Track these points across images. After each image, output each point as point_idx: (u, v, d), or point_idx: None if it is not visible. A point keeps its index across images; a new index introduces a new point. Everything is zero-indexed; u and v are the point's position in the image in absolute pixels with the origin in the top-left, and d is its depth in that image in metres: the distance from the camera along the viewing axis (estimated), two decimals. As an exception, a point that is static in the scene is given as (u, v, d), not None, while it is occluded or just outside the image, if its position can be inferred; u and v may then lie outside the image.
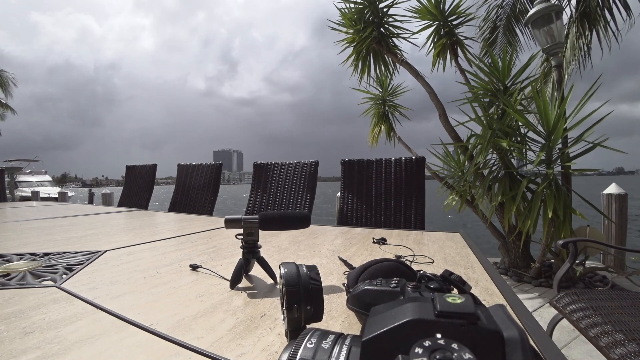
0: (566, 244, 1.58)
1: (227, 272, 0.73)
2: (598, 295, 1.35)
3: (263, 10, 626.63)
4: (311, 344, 0.25)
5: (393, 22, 3.90)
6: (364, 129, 4.95)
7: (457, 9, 3.66)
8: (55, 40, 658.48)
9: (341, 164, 1.97)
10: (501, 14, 4.91)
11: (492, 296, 0.60)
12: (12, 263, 0.83)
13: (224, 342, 0.44)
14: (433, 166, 3.72)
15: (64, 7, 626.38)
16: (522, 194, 2.64)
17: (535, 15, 2.96)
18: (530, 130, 2.72)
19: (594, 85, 2.55)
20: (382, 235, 1.16)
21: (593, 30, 4.14)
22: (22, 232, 1.37)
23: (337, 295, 0.61)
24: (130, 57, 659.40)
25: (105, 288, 0.66)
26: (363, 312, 0.42)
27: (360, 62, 4.17)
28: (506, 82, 3.03)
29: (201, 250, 1.00)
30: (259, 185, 2.16)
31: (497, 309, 0.25)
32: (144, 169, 2.83)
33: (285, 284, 0.38)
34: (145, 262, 0.86)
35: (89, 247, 1.04)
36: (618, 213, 3.46)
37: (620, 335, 1.06)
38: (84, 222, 1.65)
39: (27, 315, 0.53)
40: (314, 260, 0.88)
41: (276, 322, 0.50)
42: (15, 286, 0.67)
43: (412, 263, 0.84)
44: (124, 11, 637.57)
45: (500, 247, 3.46)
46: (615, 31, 4.02)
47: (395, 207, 1.74)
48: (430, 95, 3.78)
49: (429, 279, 0.41)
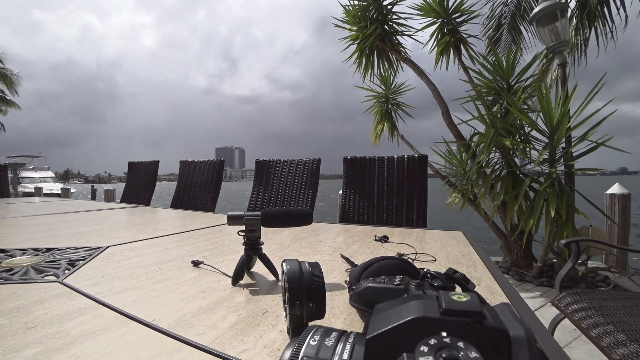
0: (569, 244, 1.57)
1: (229, 269, 0.73)
2: (600, 296, 1.34)
3: (263, 8, 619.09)
4: (314, 341, 0.25)
5: (397, 19, 3.89)
6: (365, 126, 4.95)
7: (460, 6, 3.64)
8: (57, 37, 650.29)
9: (343, 161, 1.96)
10: (506, 11, 4.87)
11: (495, 295, 0.60)
12: (15, 258, 0.83)
13: (225, 338, 0.44)
14: (435, 164, 3.71)
15: (66, 5, 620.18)
16: (524, 193, 2.62)
17: (540, 13, 2.94)
18: (534, 129, 2.71)
19: (599, 83, 2.53)
20: (384, 233, 1.16)
21: (592, 28, 4.10)
22: (25, 227, 1.37)
23: (339, 292, 0.61)
24: (132, 54, 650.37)
25: (107, 284, 0.66)
26: (366, 310, 0.42)
27: (364, 59, 4.15)
28: (510, 80, 3.01)
29: (203, 246, 1.00)
30: (261, 182, 2.16)
31: (503, 308, 0.24)
32: (146, 166, 2.83)
33: (288, 281, 0.38)
34: (148, 258, 0.86)
35: (91, 242, 1.05)
36: (621, 213, 3.44)
37: (622, 335, 1.05)
38: (86, 218, 1.66)
39: (29, 310, 0.53)
40: (316, 257, 0.88)
41: (278, 319, 0.50)
42: (18, 281, 0.67)
43: (414, 261, 0.84)
44: (125, 9, 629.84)
45: (502, 246, 3.45)
46: (613, 28, 3.98)
47: (398, 205, 1.73)
48: (434, 93, 3.77)
49: (433, 276, 0.41)
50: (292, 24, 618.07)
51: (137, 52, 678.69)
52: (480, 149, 2.99)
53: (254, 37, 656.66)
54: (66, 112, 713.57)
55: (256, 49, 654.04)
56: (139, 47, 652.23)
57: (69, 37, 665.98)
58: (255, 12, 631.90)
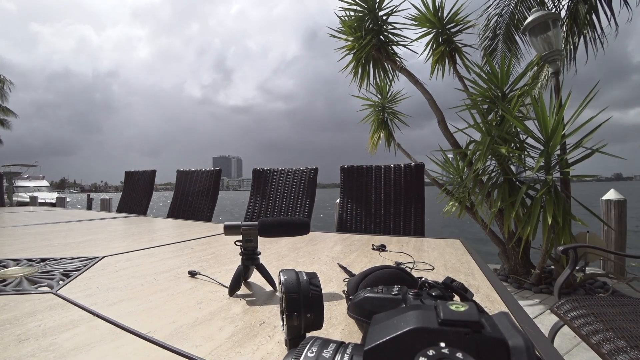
0: (566, 250, 1.57)
1: (226, 279, 0.72)
2: (599, 302, 1.34)
3: (255, 21, 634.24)
4: (312, 353, 0.25)
5: (392, 29, 3.95)
6: (358, 135, 4.99)
7: (455, 17, 3.71)
8: (54, 49, 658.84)
9: (341, 170, 1.97)
10: (500, 22, 4.95)
11: (494, 303, 0.59)
12: (9, 268, 0.82)
13: (222, 350, 0.43)
14: (432, 173, 3.72)
15: (63, 18, 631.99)
16: (521, 200, 2.64)
17: (532, 23, 3.00)
18: (529, 136, 2.74)
19: (592, 91, 2.57)
20: (381, 242, 1.16)
21: (581, 36, 4.18)
22: (19, 237, 1.36)
23: (337, 302, 0.60)
24: (128, 66, 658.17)
25: (102, 295, 0.65)
26: (364, 320, 0.41)
27: (360, 69, 4.20)
28: (504, 89, 3.05)
29: (200, 256, 0.99)
30: (258, 191, 2.16)
31: (502, 317, 0.24)
32: (143, 175, 2.82)
33: (285, 291, 0.38)
34: (143, 268, 0.85)
35: (86, 253, 1.03)
36: (617, 219, 3.46)
37: (622, 342, 1.05)
38: (81, 228, 1.64)
39: (22, 322, 0.52)
40: (314, 267, 0.87)
41: (275, 329, 0.49)
42: (11, 292, 0.66)
43: (412, 270, 0.83)
44: (121, 23, 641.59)
45: (500, 253, 3.45)
46: (602, 37, 4.05)
47: (395, 214, 1.73)
48: (429, 101, 3.80)
49: (431, 286, 0.41)
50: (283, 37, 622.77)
51: (133, 63, 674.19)
52: (477, 157, 3.01)
53: (246, 49, 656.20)
54: (63, 122, 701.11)
55: (249, 60, 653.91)
56: (134, 59, 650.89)
57: (66, 49, 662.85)
58: (247, 26, 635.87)
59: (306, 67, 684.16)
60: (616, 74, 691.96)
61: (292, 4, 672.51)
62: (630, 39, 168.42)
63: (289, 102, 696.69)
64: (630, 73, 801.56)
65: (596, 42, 4.11)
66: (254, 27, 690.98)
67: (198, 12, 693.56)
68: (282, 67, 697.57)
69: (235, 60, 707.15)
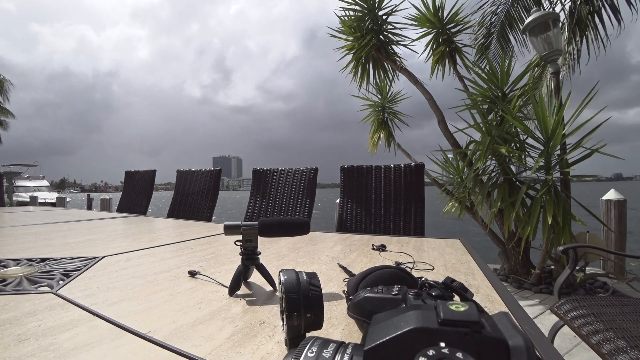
0: (566, 250, 1.57)
1: (226, 279, 0.72)
2: (599, 302, 1.34)
3: (254, 21, 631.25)
4: (312, 352, 0.25)
5: (392, 29, 3.94)
6: (358, 135, 4.99)
7: (455, 17, 3.70)
8: (54, 49, 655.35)
9: (341, 170, 1.97)
10: (495, 20, 4.94)
11: (494, 303, 0.59)
12: (9, 268, 0.82)
13: (222, 350, 0.43)
14: (432, 173, 3.72)
15: (63, 18, 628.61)
16: (521, 200, 2.64)
17: (532, 23, 3.00)
18: (529, 136, 2.74)
19: (592, 91, 2.57)
20: (381, 242, 1.16)
21: (583, 37, 4.17)
22: (20, 237, 1.36)
23: (337, 302, 0.60)
24: (128, 66, 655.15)
25: (102, 294, 0.65)
26: (364, 320, 0.41)
27: (360, 69, 4.20)
28: (504, 88, 3.05)
29: (200, 256, 0.99)
30: (258, 191, 2.16)
31: (502, 317, 0.24)
32: (143, 175, 2.82)
33: (285, 291, 0.38)
34: (144, 268, 0.85)
35: (86, 252, 1.03)
36: (617, 219, 3.46)
37: (623, 342, 1.05)
38: (82, 228, 1.64)
39: (22, 322, 0.52)
40: (314, 267, 0.87)
41: (275, 329, 0.49)
42: (11, 292, 0.66)
43: (412, 270, 0.83)
44: (121, 23, 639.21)
45: (500, 253, 3.45)
46: (604, 38, 4.05)
47: (395, 214, 1.73)
48: (430, 101, 3.80)
49: (431, 286, 0.41)
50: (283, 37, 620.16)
51: (133, 63, 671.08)
52: (477, 157, 3.01)
53: (245, 50, 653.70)
54: (63, 122, 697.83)
55: (248, 60, 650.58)
56: (134, 59, 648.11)
57: (66, 49, 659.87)
58: (246, 26, 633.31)
59: (306, 67, 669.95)
60: (615, 74, 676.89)
61: (291, 4, 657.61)
62: (629, 39, 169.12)
63: (289, 102, 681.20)
64: (630, 73, 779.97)
65: (598, 43, 4.11)
66: (253, 27, 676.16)
67: (198, 12, 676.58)
68: (282, 67, 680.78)
69: (235, 60, 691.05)
